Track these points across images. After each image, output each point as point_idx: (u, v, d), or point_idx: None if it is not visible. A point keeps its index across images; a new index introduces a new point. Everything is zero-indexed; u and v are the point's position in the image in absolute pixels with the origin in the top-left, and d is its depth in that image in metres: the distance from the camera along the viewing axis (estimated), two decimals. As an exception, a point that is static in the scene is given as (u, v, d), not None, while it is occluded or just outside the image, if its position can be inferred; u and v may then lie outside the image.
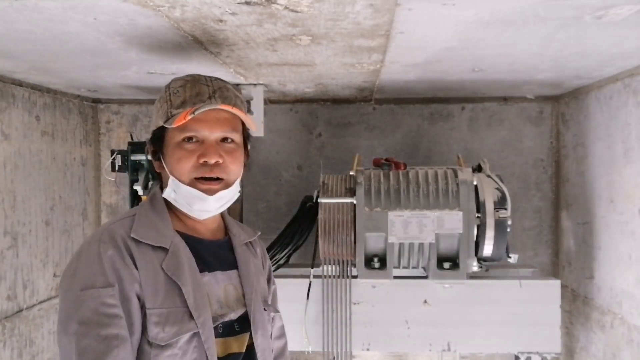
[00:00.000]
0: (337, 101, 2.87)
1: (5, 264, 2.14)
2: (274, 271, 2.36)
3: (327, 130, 2.91)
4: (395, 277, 2.20)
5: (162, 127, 1.23)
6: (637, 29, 1.47)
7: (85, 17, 1.33)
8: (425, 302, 2.28)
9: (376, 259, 2.17)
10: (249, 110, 2.33)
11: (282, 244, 2.42)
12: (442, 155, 2.84)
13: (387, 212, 2.14)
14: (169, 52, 1.69)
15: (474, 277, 2.22)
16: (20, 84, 2.24)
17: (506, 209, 2.13)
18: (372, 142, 2.89)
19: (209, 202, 1.22)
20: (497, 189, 2.17)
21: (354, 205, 2.16)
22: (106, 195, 2.95)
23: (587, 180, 2.44)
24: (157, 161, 1.28)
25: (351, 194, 2.18)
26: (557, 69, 2.04)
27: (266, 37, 1.52)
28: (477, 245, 2.17)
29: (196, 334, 1.16)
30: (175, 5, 1.23)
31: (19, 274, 2.23)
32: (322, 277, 2.23)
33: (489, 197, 2.15)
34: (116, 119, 2.93)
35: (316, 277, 2.27)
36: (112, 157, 2.30)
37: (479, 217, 2.14)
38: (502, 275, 2.38)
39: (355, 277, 2.22)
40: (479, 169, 2.29)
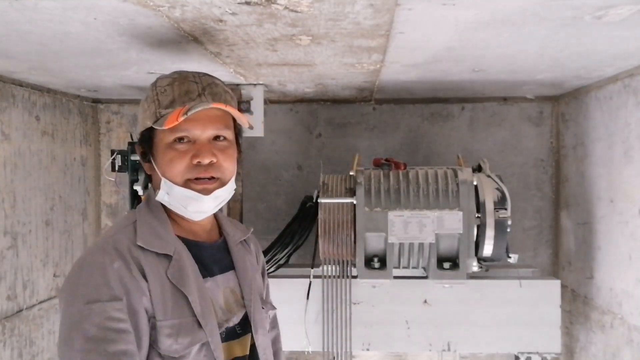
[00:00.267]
0: (337, 101, 2.87)
1: (5, 264, 2.14)
2: (274, 271, 2.38)
3: (327, 130, 2.91)
4: (395, 277, 2.20)
5: (151, 128, 1.18)
6: (637, 29, 1.47)
7: (85, 17, 1.33)
8: (425, 302, 2.28)
9: (376, 259, 2.17)
10: (248, 110, 2.34)
11: (282, 244, 2.42)
12: (442, 155, 2.84)
13: (387, 212, 2.14)
14: (169, 52, 1.69)
15: (474, 277, 2.22)
16: (20, 84, 2.24)
17: (506, 209, 2.13)
18: (372, 142, 2.89)
19: (205, 202, 1.18)
20: (497, 189, 2.18)
21: (354, 205, 2.16)
22: (106, 195, 2.95)
23: (587, 180, 2.44)
24: (147, 163, 1.23)
25: (351, 194, 2.18)
26: (557, 69, 2.04)
27: (266, 37, 1.52)
28: (477, 245, 2.17)
29: (205, 343, 1.15)
30: (175, 5, 1.23)
31: (19, 274, 2.23)
32: (322, 277, 2.23)
33: (489, 197, 2.15)
34: (116, 119, 2.93)
35: (316, 277, 2.27)
36: (112, 157, 2.30)
37: (479, 217, 2.14)
38: (502, 275, 2.38)
39: (355, 277, 2.22)
40: (479, 169, 2.29)
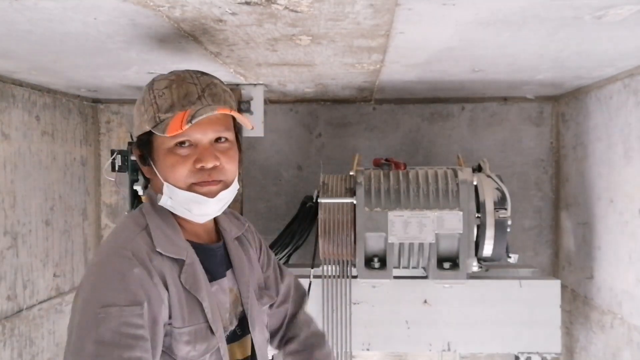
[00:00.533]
0: (337, 101, 2.87)
1: (5, 264, 2.14)
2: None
3: (327, 130, 2.91)
4: (395, 277, 2.20)
5: (149, 132, 1.15)
6: (637, 29, 1.47)
7: (85, 17, 1.33)
8: (425, 302, 2.27)
9: (376, 259, 2.17)
10: (248, 110, 2.34)
11: (282, 244, 2.42)
12: (442, 155, 2.84)
13: (387, 212, 2.14)
14: (169, 52, 1.69)
15: (474, 277, 2.21)
16: (20, 84, 2.24)
17: (506, 209, 2.13)
18: (372, 142, 2.89)
19: (210, 205, 1.16)
20: (497, 189, 2.17)
21: (354, 205, 2.16)
22: (106, 195, 2.95)
23: (587, 180, 2.44)
24: (147, 166, 1.20)
25: (351, 194, 2.18)
26: (557, 69, 2.04)
27: (266, 37, 1.52)
28: (477, 245, 2.17)
29: (217, 349, 1.15)
30: (175, 5, 1.23)
31: (19, 274, 2.23)
32: (322, 277, 2.23)
33: (489, 197, 2.15)
34: (116, 119, 2.93)
35: (316, 277, 2.27)
36: (112, 157, 2.30)
37: (479, 217, 2.14)
38: (502, 275, 2.37)
39: (355, 277, 2.22)
40: (479, 169, 2.29)
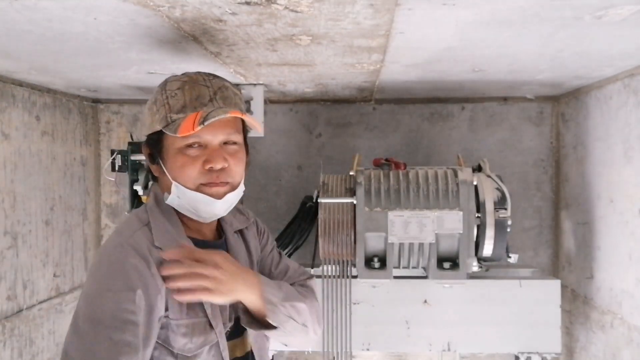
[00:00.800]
0: (337, 101, 2.87)
1: (5, 264, 2.14)
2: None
3: (327, 130, 2.91)
4: (395, 277, 2.20)
5: (160, 131, 1.18)
6: (637, 29, 1.47)
7: (85, 17, 1.33)
8: (425, 302, 2.27)
9: (376, 259, 2.17)
10: (248, 110, 2.34)
11: (282, 244, 2.42)
12: (442, 155, 2.84)
13: (387, 212, 2.14)
14: (169, 52, 1.69)
15: (474, 277, 2.21)
16: (20, 84, 2.24)
17: (506, 209, 2.13)
18: (372, 142, 2.89)
19: (217, 206, 1.19)
20: (497, 189, 2.17)
21: (354, 205, 2.16)
22: (106, 195, 2.95)
23: (587, 180, 2.44)
24: (155, 165, 1.23)
25: (351, 194, 2.18)
26: (557, 69, 2.04)
27: (266, 37, 1.52)
28: (477, 245, 2.17)
29: (215, 343, 1.17)
30: (175, 5, 1.23)
31: (19, 274, 2.23)
32: (322, 277, 2.23)
33: (489, 197, 2.15)
34: (116, 119, 2.93)
35: (316, 277, 2.26)
36: (112, 157, 2.30)
37: (479, 217, 2.14)
38: (502, 275, 2.38)
39: (355, 277, 2.22)
40: (479, 169, 2.29)
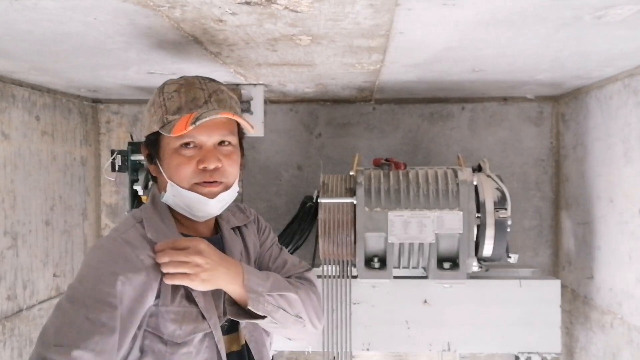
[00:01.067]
0: (337, 101, 2.87)
1: (5, 264, 2.14)
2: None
3: (327, 130, 2.91)
4: (395, 277, 2.20)
5: (157, 132, 1.21)
6: (637, 29, 1.47)
7: (85, 17, 1.33)
8: (425, 302, 2.27)
9: (376, 259, 2.17)
10: (248, 110, 2.34)
11: (282, 244, 2.38)
12: (442, 155, 2.84)
13: (387, 212, 2.14)
14: (169, 52, 1.69)
15: (474, 277, 2.22)
16: (20, 84, 2.24)
17: (506, 209, 2.13)
18: (372, 142, 2.89)
19: (210, 204, 1.22)
20: (497, 189, 2.18)
21: (354, 205, 2.16)
22: (106, 195, 2.95)
23: (587, 180, 2.44)
24: (153, 165, 1.27)
25: (351, 194, 2.18)
26: (557, 69, 2.04)
27: (266, 37, 1.52)
28: (477, 245, 2.17)
29: (208, 334, 1.19)
30: (175, 5, 1.23)
31: (19, 274, 2.23)
32: (322, 277, 2.23)
33: (489, 197, 2.15)
34: (116, 119, 2.93)
35: (316, 277, 2.26)
36: (112, 157, 2.30)
37: (479, 217, 2.14)
38: (502, 275, 2.37)
39: (355, 277, 2.22)
40: (479, 169, 2.29)
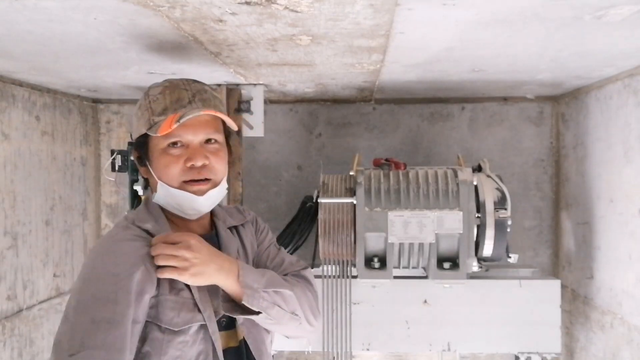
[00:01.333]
0: (337, 101, 2.87)
1: (5, 264, 2.14)
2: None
3: (327, 130, 2.91)
4: (395, 277, 2.20)
5: (146, 134, 1.25)
6: (637, 29, 1.47)
7: (85, 17, 1.33)
8: (425, 302, 2.27)
9: (376, 259, 2.17)
10: (248, 110, 2.34)
11: (282, 244, 2.40)
12: (442, 155, 2.84)
13: (387, 212, 2.14)
14: (169, 52, 1.69)
15: (474, 277, 2.21)
16: (20, 84, 2.24)
17: (506, 209, 2.13)
18: (372, 142, 2.89)
19: (200, 202, 1.25)
20: (497, 189, 2.17)
21: (354, 205, 2.16)
22: (106, 195, 2.95)
23: (587, 180, 2.44)
24: (144, 167, 1.31)
25: (351, 194, 2.18)
26: (557, 69, 2.04)
27: (266, 37, 1.52)
28: (477, 245, 2.17)
29: (203, 326, 1.21)
30: (175, 5, 1.23)
31: (19, 274, 2.23)
32: (322, 277, 2.23)
33: (489, 197, 2.15)
34: (116, 119, 2.93)
35: (316, 277, 2.23)
36: (112, 157, 2.30)
37: (479, 217, 2.14)
38: (502, 275, 2.37)
39: (355, 277, 2.22)
40: (479, 169, 2.29)
